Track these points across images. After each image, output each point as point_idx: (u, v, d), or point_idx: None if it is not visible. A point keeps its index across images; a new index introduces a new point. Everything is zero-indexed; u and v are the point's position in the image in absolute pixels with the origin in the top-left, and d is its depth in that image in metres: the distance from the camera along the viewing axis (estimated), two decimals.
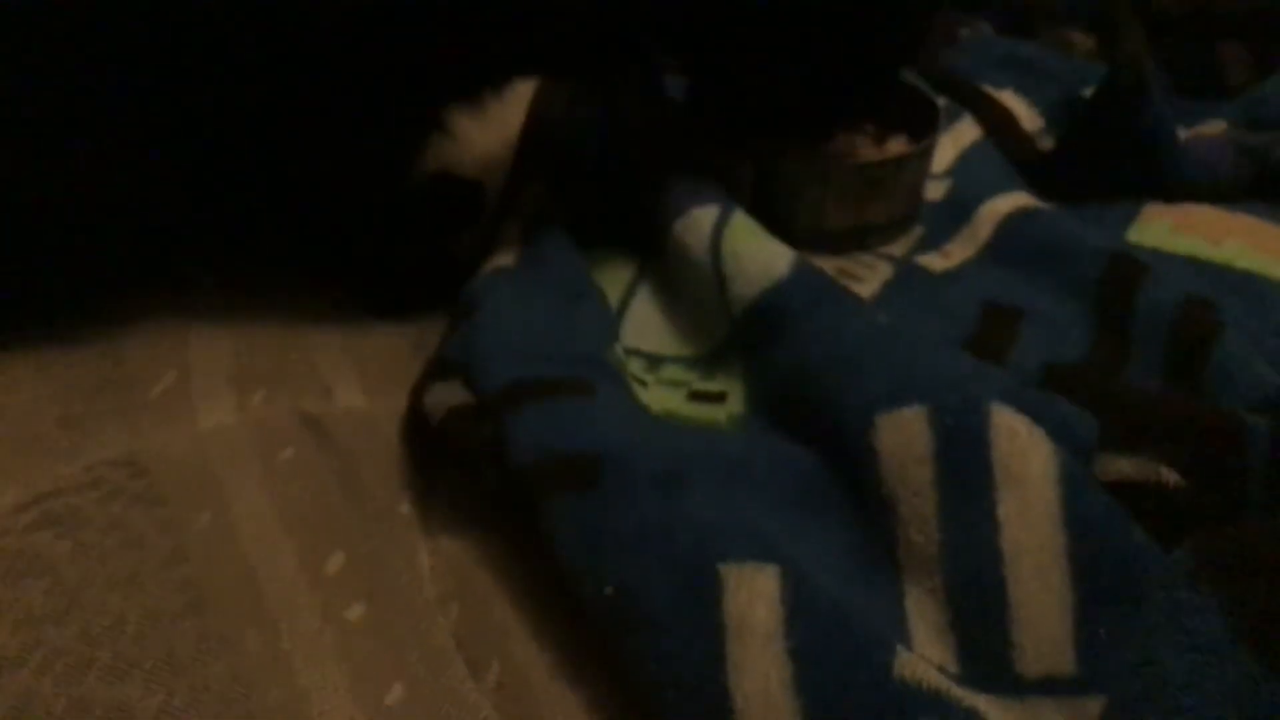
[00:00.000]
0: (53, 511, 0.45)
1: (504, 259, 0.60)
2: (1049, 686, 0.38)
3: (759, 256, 0.54)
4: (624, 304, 0.60)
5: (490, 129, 0.68)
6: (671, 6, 0.57)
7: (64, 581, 0.42)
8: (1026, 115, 0.79)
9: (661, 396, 0.53)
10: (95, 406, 0.51)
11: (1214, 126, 0.75)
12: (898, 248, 0.65)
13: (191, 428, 0.50)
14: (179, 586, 0.42)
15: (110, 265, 0.58)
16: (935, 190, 0.69)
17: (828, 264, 0.61)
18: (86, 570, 0.42)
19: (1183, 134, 0.72)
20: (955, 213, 0.67)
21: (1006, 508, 0.40)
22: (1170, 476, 0.42)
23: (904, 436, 0.42)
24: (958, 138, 0.74)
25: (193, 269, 0.61)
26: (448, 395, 0.48)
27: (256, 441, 0.49)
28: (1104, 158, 0.70)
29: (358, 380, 0.55)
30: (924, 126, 0.66)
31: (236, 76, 0.51)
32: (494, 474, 0.45)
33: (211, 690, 0.38)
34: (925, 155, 0.66)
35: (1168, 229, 0.65)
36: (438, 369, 0.51)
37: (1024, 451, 0.41)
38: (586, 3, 0.55)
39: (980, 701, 0.36)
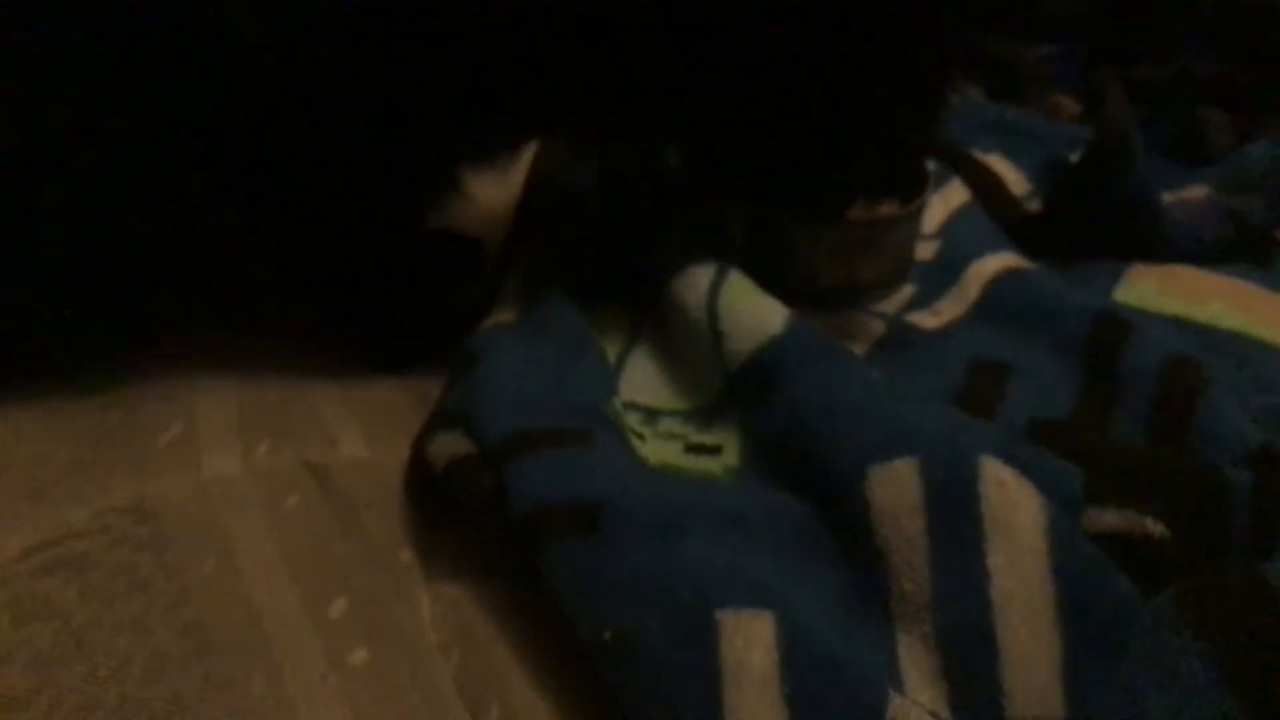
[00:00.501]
0: (61, 556, 0.46)
1: (504, 314, 0.61)
2: None
3: (754, 313, 0.56)
4: (622, 359, 0.61)
5: (492, 187, 0.70)
6: (682, 83, 0.59)
7: (71, 624, 0.42)
8: (1014, 179, 0.81)
9: (659, 449, 0.54)
10: (103, 454, 0.52)
11: (1197, 190, 0.77)
12: (889, 305, 0.67)
13: (197, 476, 0.51)
14: (184, 630, 0.42)
15: (120, 315, 0.59)
16: (925, 250, 0.71)
17: (820, 321, 0.62)
18: (94, 613, 0.43)
19: (1167, 197, 0.74)
20: (945, 272, 0.69)
21: (996, 558, 0.41)
22: (1155, 528, 0.43)
23: (896, 487, 0.43)
24: (947, 199, 0.76)
25: (201, 321, 0.62)
26: (450, 445, 0.49)
27: (261, 489, 0.50)
28: (1090, 220, 0.72)
29: (361, 431, 0.56)
30: (914, 188, 0.68)
31: (254, 130, 0.53)
32: (495, 522, 0.46)
33: None
34: (915, 216, 0.68)
35: (1153, 289, 0.67)
36: (440, 420, 0.52)
37: (1013, 503, 0.42)
38: (599, 75, 0.57)
39: None
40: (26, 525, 0.47)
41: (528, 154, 0.76)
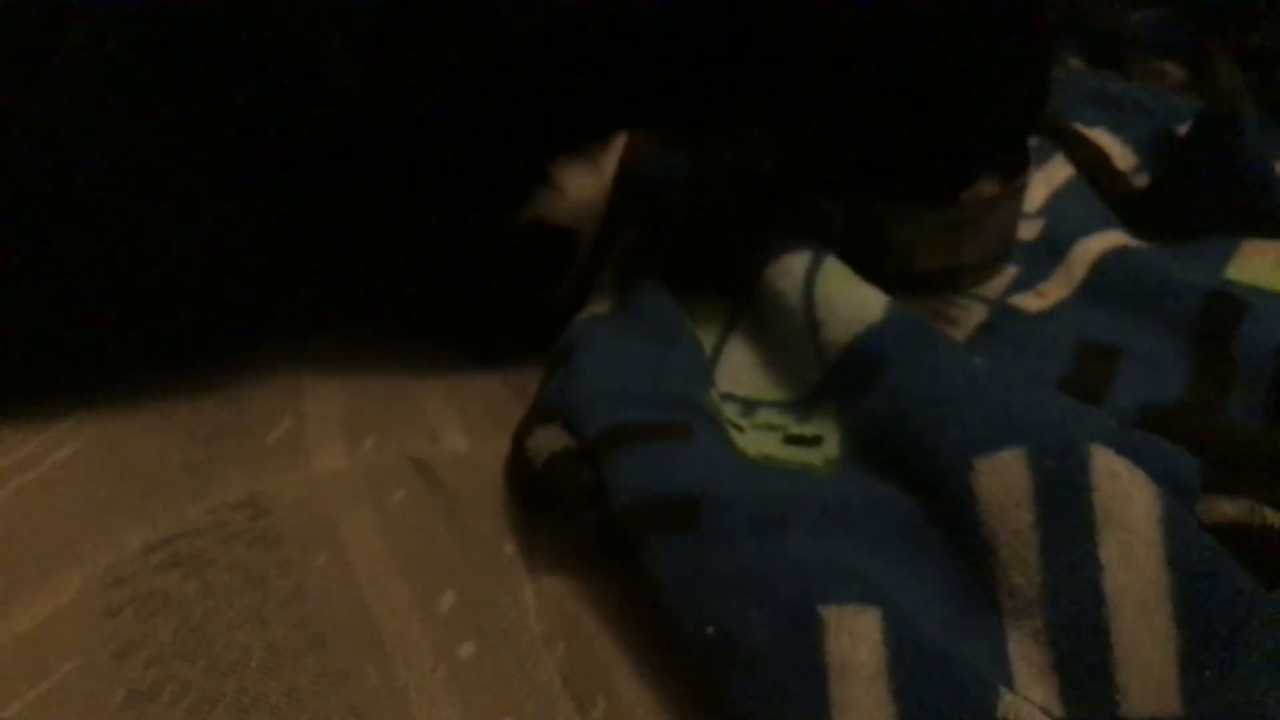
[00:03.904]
0: (180, 552, 0.47)
1: (599, 306, 0.61)
2: None
3: (852, 301, 0.55)
4: (718, 349, 0.61)
5: (583, 177, 0.70)
6: (779, 74, 0.58)
7: (192, 619, 0.44)
8: (1119, 153, 0.79)
9: (757, 440, 0.54)
10: (216, 451, 0.54)
11: None
12: (991, 288, 0.66)
13: (307, 471, 0.52)
14: (299, 623, 0.43)
15: (230, 317, 0.61)
16: (1028, 230, 0.70)
17: (920, 306, 0.61)
18: (213, 608, 0.44)
19: None
20: (1049, 252, 0.67)
21: (1109, 550, 0.40)
22: (1274, 518, 0.41)
23: (1003, 479, 0.42)
24: (1050, 176, 0.74)
25: (305, 321, 0.63)
26: (549, 440, 0.50)
27: (368, 484, 0.51)
28: (1200, 194, 0.70)
29: (461, 426, 0.57)
30: (1015, 166, 0.66)
31: (347, 132, 0.54)
32: (595, 516, 0.46)
33: None
34: (1017, 195, 0.66)
35: (1268, 266, 0.64)
36: (538, 414, 0.52)
37: (1125, 494, 0.40)
38: (698, 64, 0.57)
39: None
40: (145, 522, 0.49)
41: (618, 143, 0.76)
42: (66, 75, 0.53)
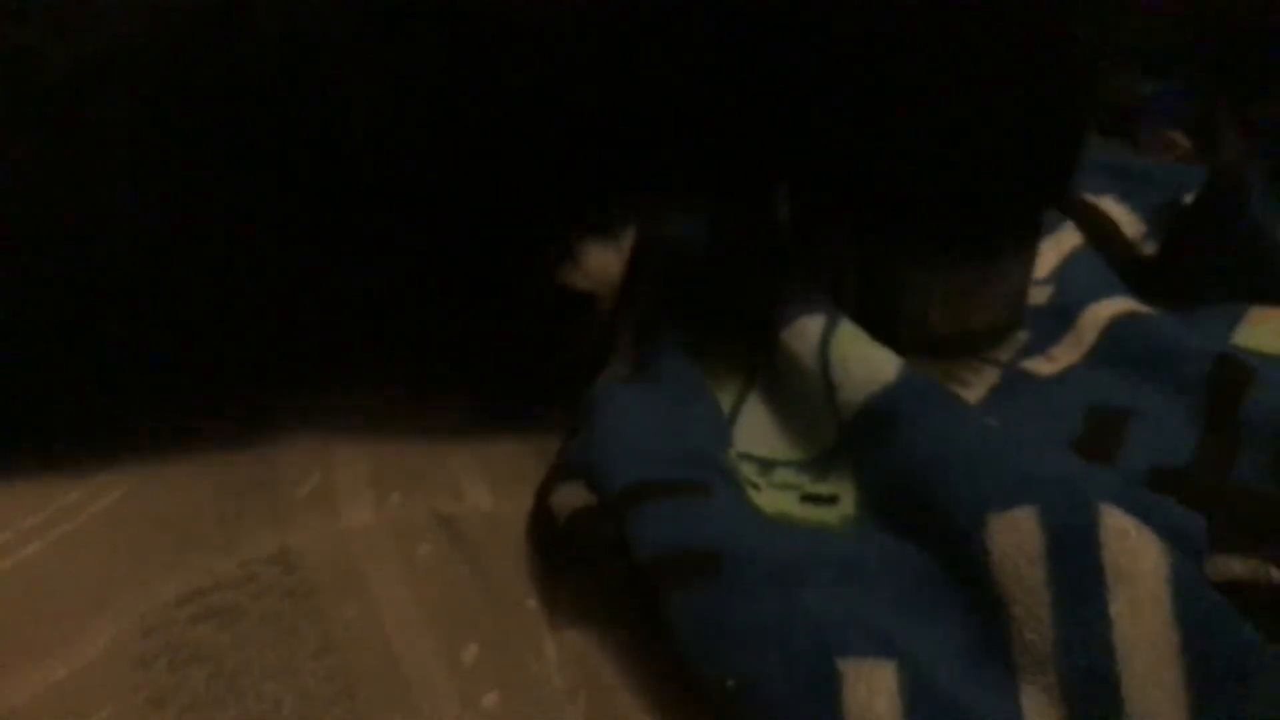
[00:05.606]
0: (212, 604, 0.48)
1: (619, 368, 0.63)
2: None
3: (866, 362, 0.56)
4: (736, 409, 0.62)
5: (604, 253, 0.72)
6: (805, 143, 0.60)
7: (224, 670, 0.45)
8: (1127, 221, 0.80)
9: (774, 499, 0.54)
10: (248, 505, 0.55)
11: None
12: (1003, 352, 0.67)
13: (335, 525, 0.54)
14: (329, 674, 0.44)
15: (263, 375, 0.62)
16: (1038, 295, 0.71)
17: (934, 369, 0.62)
18: (244, 659, 0.45)
19: None
20: (1059, 317, 0.68)
21: (1119, 606, 0.40)
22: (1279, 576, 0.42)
23: (1016, 536, 0.43)
24: (1059, 244, 0.75)
25: (335, 379, 0.65)
26: (572, 496, 0.51)
27: (395, 538, 0.52)
28: (1207, 263, 0.71)
29: (486, 483, 0.58)
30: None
31: (388, 207, 0.56)
32: (617, 570, 0.47)
33: None
34: (1028, 262, 0.67)
35: (1273, 332, 0.65)
36: (561, 472, 0.54)
37: (1134, 551, 0.41)
38: (720, 151, 0.59)
39: None
40: (178, 575, 0.50)
41: None
42: (105, 142, 0.55)
